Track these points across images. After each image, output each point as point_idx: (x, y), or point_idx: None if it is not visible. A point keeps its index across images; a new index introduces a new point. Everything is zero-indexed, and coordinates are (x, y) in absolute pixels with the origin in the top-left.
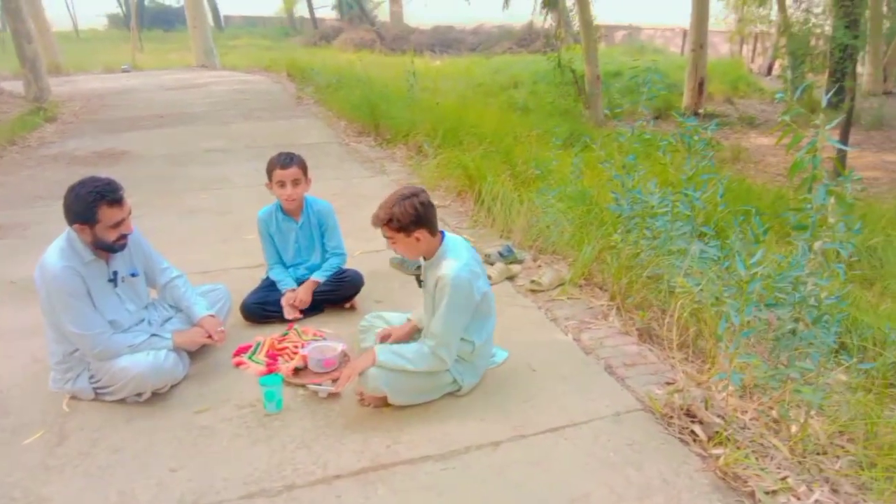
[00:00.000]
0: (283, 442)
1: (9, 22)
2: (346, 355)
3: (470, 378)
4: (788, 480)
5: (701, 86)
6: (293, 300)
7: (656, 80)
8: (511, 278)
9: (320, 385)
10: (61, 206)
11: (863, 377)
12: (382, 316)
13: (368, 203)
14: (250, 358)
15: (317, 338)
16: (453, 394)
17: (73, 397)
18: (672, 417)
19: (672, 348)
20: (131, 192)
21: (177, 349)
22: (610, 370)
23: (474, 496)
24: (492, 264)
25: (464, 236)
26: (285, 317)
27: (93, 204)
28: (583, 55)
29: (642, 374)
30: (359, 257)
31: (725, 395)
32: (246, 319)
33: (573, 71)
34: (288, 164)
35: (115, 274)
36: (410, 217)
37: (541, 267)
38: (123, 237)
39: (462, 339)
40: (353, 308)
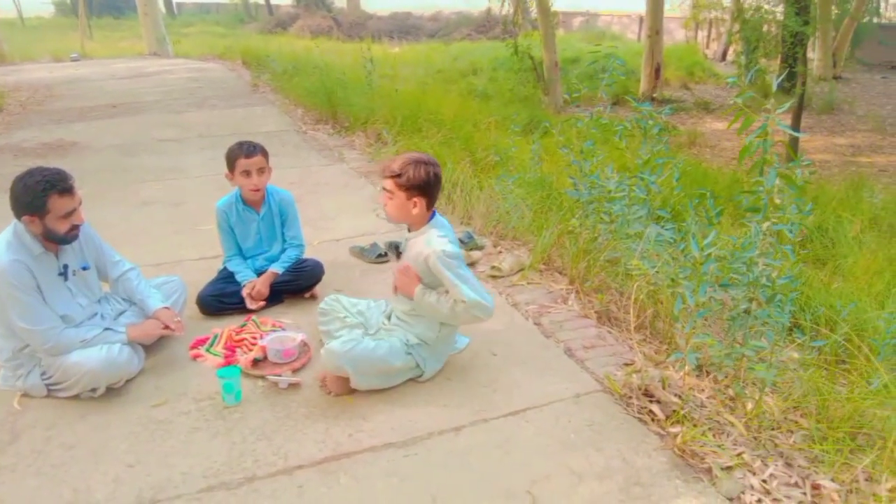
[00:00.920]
0: (242, 434)
1: None
2: (306, 345)
3: (433, 364)
4: (744, 456)
5: (657, 71)
6: (251, 291)
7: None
8: (472, 265)
9: (280, 376)
10: (6, 199)
11: (815, 354)
12: (340, 300)
13: (327, 191)
14: (208, 350)
15: (275, 328)
16: (415, 380)
17: (25, 395)
18: (631, 398)
19: (630, 330)
20: (82, 184)
21: (131, 343)
22: (569, 353)
23: (437, 481)
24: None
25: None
26: (248, 307)
27: (42, 194)
28: (541, 42)
29: (601, 356)
30: (317, 246)
31: (682, 374)
32: (202, 312)
33: (531, 57)
34: (252, 152)
35: (65, 267)
36: (420, 181)
37: (501, 253)
38: (75, 228)
39: (426, 319)
40: (313, 297)
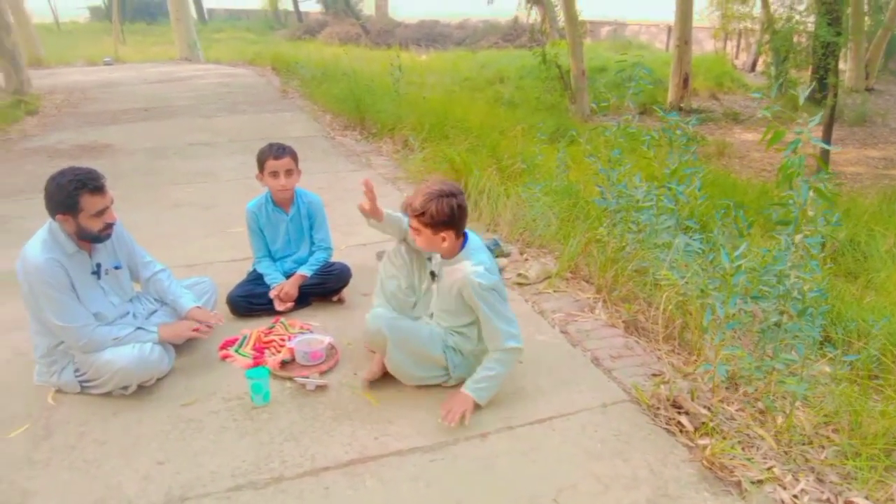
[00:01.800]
0: (270, 434)
1: None
2: (334, 348)
3: (460, 371)
4: (774, 470)
5: (685, 81)
6: (279, 293)
7: (644, 75)
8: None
9: (307, 378)
10: (42, 200)
11: (847, 369)
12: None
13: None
14: (237, 351)
15: (303, 331)
16: (441, 385)
17: (59, 391)
18: (658, 408)
19: (658, 340)
20: (114, 186)
21: (163, 342)
22: (597, 362)
23: (462, 487)
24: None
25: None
26: (276, 309)
27: (74, 193)
28: (568, 50)
29: (629, 366)
30: (345, 251)
31: (711, 386)
32: (232, 313)
33: (558, 66)
34: (281, 154)
35: (98, 266)
36: (445, 217)
37: (527, 260)
38: (108, 227)
39: (465, 335)
40: (340, 301)
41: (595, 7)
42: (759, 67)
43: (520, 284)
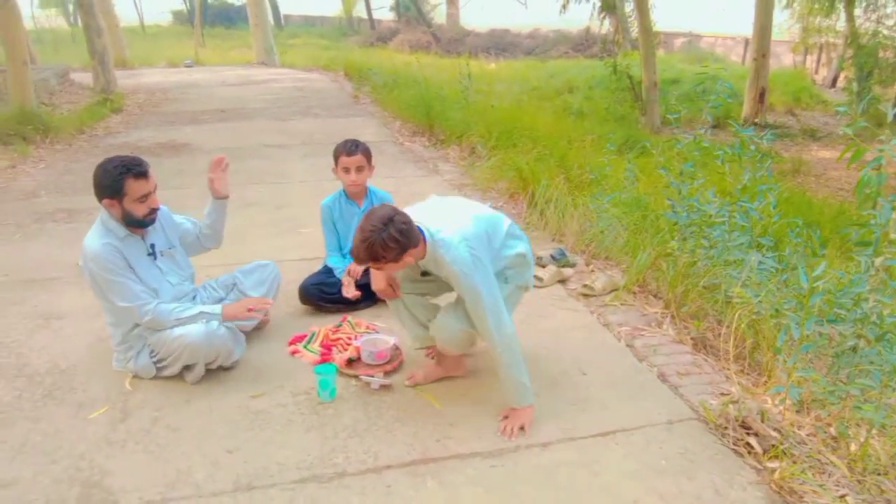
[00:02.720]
0: (335, 430)
1: (81, 17)
2: (398, 349)
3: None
4: (847, 499)
5: (762, 96)
6: (350, 272)
7: (725, 88)
8: (563, 282)
9: (372, 377)
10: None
11: None
12: None
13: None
14: (305, 347)
15: (369, 331)
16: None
17: (135, 376)
18: (726, 428)
19: (727, 359)
20: (192, 184)
21: (229, 325)
22: (663, 378)
23: (522, 495)
24: (543, 266)
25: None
26: (343, 294)
27: (119, 177)
28: (640, 61)
29: (696, 384)
30: None
31: (782, 408)
32: (303, 302)
33: (630, 77)
34: (353, 151)
35: (152, 247)
36: (396, 250)
37: (593, 272)
38: (152, 212)
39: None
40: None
41: (669, 18)
42: (841, 83)
43: (585, 296)
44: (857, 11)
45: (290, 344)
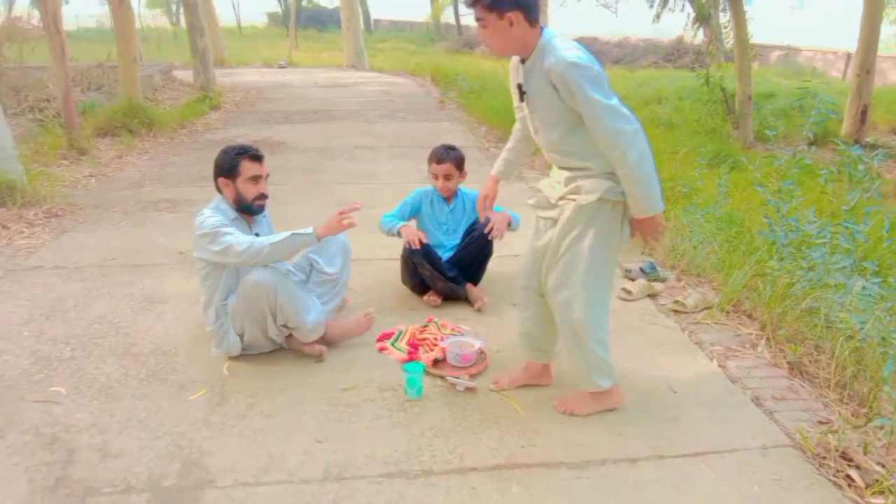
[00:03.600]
0: (421, 428)
1: (186, 16)
2: (483, 353)
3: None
4: None
5: (864, 113)
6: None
7: (828, 104)
8: (653, 296)
9: (458, 378)
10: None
11: None
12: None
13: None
14: (393, 345)
15: (455, 332)
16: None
17: (230, 358)
18: (825, 458)
19: (827, 387)
20: (285, 181)
21: (321, 238)
22: (757, 402)
23: None
24: (633, 280)
25: None
26: (412, 246)
27: (236, 157)
28: (735, 73)
29: (792, 410)
30: (496, 260)
31: (886, 442)
32: (404, 268)
33: (723, 89)
34: (443, 159)
35: (257, 235)
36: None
37: (685, 288)
38: (261, 197)
39: (568, 152)
40: (480, 310)
41: (766, 31)
42: None
43: (676, 312)
44: None
45: (379, 340)
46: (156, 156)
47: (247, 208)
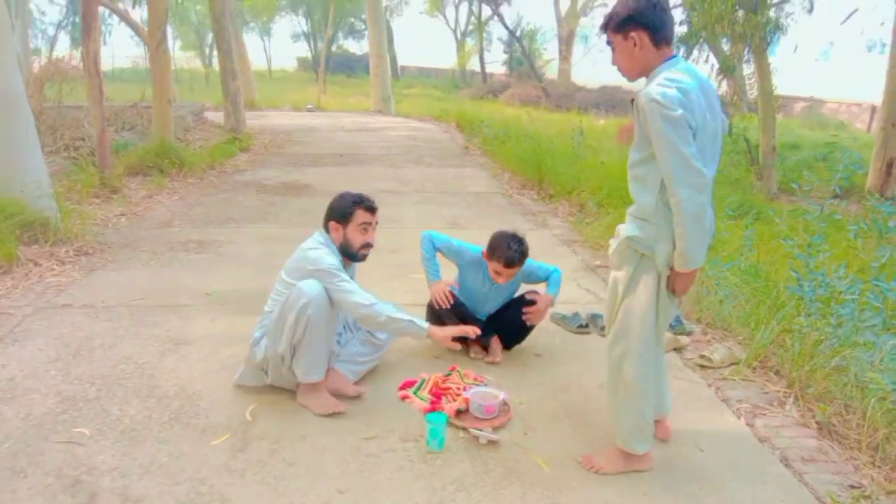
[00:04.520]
0: (443, 482)
1: (219, 60)
2: (507, 405)
3: (663, 246)
4: None
5: (890, 166)
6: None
7: (854, 159)
8: (678, 350)
9: (482, 430)
10: (251, 228)
11: None
12: None
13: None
14: (415, 393)
15: (477, 382)
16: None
17: (254, 404)
18: None
19: (858, 448)
20: (311, 224)
21: (431, 339)
22: (786, 462)
23: None
24: None
25: None
26: (440, 305)
27: (353, 205)
28: (758, 124)
29: (822, 472)
30: None
31: None
32: (432, 309)
33: (746, 140)
34: (513, 264)
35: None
36: (630, 10)
37: (711, 342)
38: (367, 246)
39: (641, 180)
40: (492, 364)
41: (790, 83)
42: None
43: (702, 367)
44: None
45: (401, 389)
46: (185, 196)
47: (351, 255)
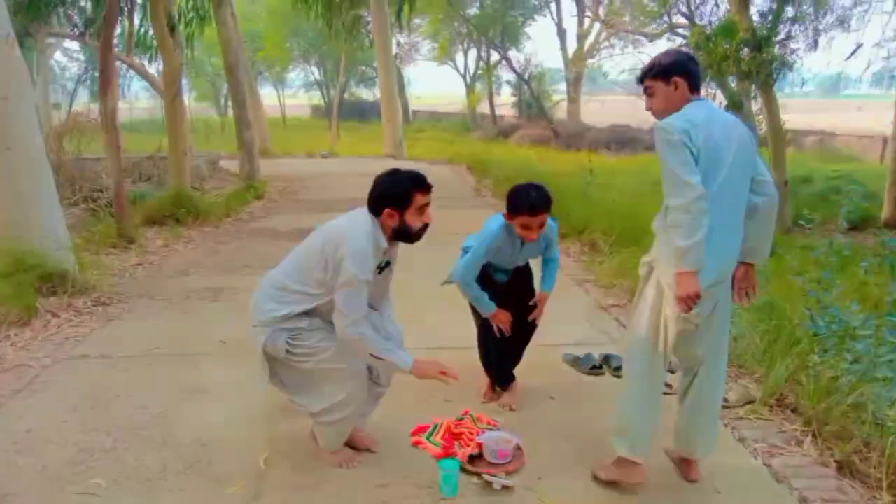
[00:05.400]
0: None
1: (234, 110)
2: (520, 449)
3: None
4: None
5: None
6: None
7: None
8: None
9: (495, 476)
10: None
11: None
12: None
13: None
14: (428, 438)
15: (490, 427)
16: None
17: (268, 452)
18: None
19: (880, 488)
20: None
21: (417, 376)
22: (805, 503)
23: None
24: (673, 372)
25: None
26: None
27: (409, 188)
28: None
29: None
30: (532, 350)
31: None
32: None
33: None
34: (539, 209)
35: (387, 264)
36: (673, 61)
37: (726, 381)
38: (426, 227)
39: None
40: (509, 409)
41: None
42: None
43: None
44: None
45: (414, 434)
46: (201, 244)
47: (408, 237)
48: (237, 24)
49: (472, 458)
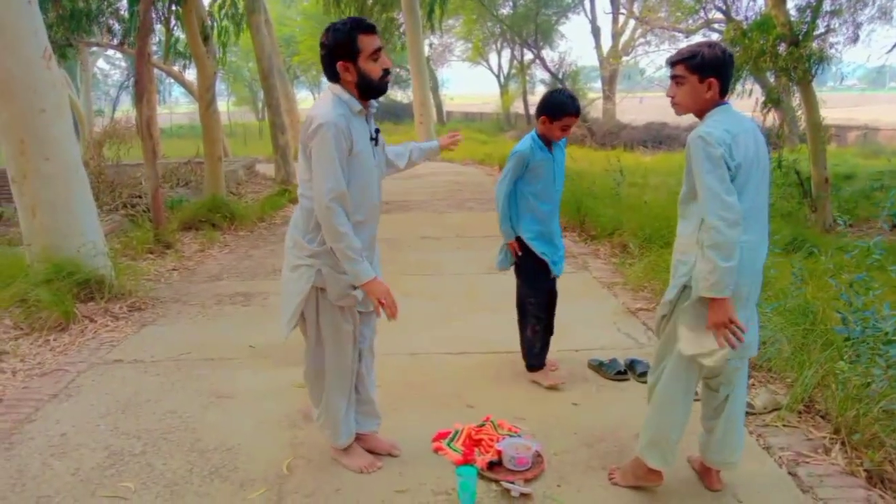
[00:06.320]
0: None
1: (268, 115)
2: (540, 456)
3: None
4: None
5: None
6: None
7: None
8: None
9: (513, 483)
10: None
11: None
12: None
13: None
14: (448, 444)
15: (511, 433)
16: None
17: (290, 457)
18: None
19: None
20: None
21: (361, 289)
22: None
23: None
24: None
25: None
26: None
27: (351, 33)
28: (809, 156)
29: None
30: (556, 354)
31: None
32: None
33: (797, 172)
34: (572, 112)
35: (377, 132)
36: (715, 59)
37: (753, 386)
38: (387, 73)
39: (686, 218)
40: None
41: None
42: None
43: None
44: None
45: (435, 440)
46: (235, 249)
47: (375, 89)
48: (271, 30)
49: (491, 465)
